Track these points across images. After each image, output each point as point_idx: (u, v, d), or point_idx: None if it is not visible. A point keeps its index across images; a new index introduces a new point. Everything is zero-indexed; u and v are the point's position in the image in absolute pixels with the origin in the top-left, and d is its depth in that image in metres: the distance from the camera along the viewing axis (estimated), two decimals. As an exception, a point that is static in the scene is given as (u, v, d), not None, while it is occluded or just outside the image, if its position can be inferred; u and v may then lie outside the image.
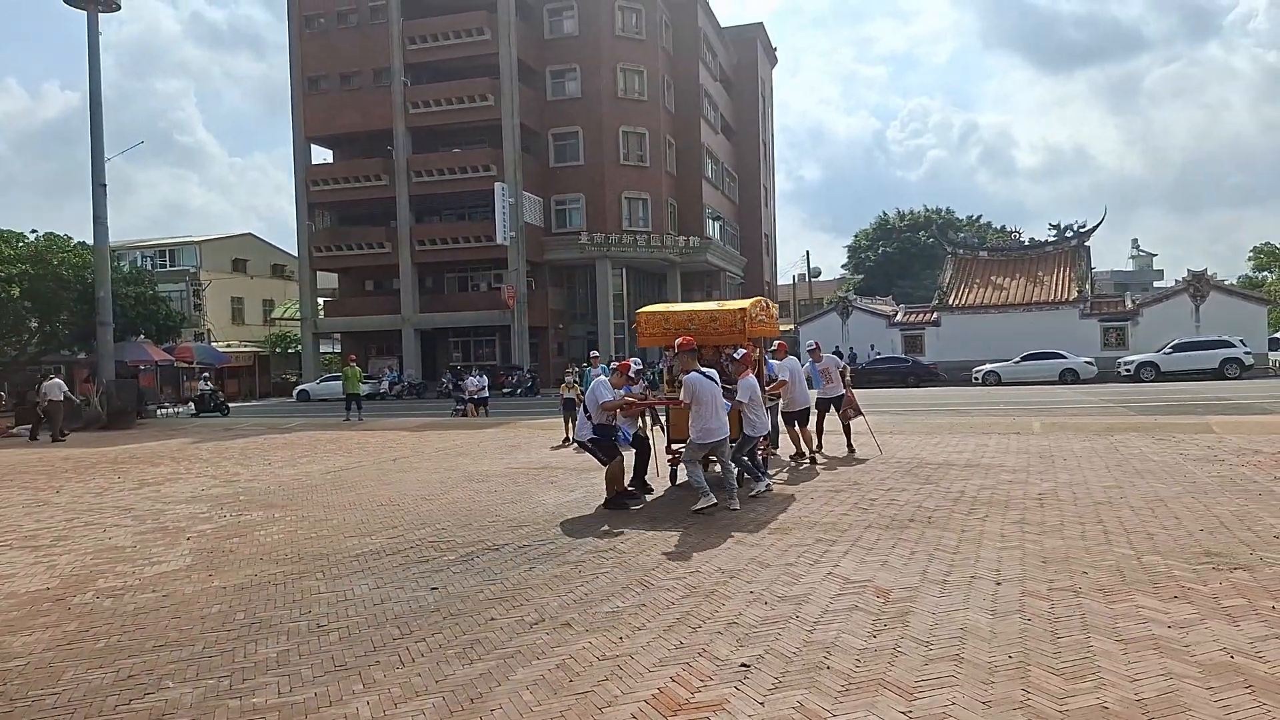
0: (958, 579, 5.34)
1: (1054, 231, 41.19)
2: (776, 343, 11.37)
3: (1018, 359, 31.68)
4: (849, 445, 11.52)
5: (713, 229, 45.32)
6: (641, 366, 9.69)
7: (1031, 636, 4.28)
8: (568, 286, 41.84)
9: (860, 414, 11.75)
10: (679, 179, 43.32)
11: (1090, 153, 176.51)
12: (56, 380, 22.89)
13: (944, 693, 3.64)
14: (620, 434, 8.80)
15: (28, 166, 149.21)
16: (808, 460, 10.77)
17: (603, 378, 9.18)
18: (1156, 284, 69.29)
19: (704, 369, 8.14)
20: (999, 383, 30.88)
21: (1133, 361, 30.23)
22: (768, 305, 10.59)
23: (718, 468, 8.53)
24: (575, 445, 9.40)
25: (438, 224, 40.54)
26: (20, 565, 6.95)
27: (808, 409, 10.95)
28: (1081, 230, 40.53)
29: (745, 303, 9.65)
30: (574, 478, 10.56)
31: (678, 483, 9.36)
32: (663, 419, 10.26)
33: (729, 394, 8.33)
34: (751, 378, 8.40)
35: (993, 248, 43.57)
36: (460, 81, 38.46)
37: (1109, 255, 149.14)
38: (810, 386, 11.53)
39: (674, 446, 9.44)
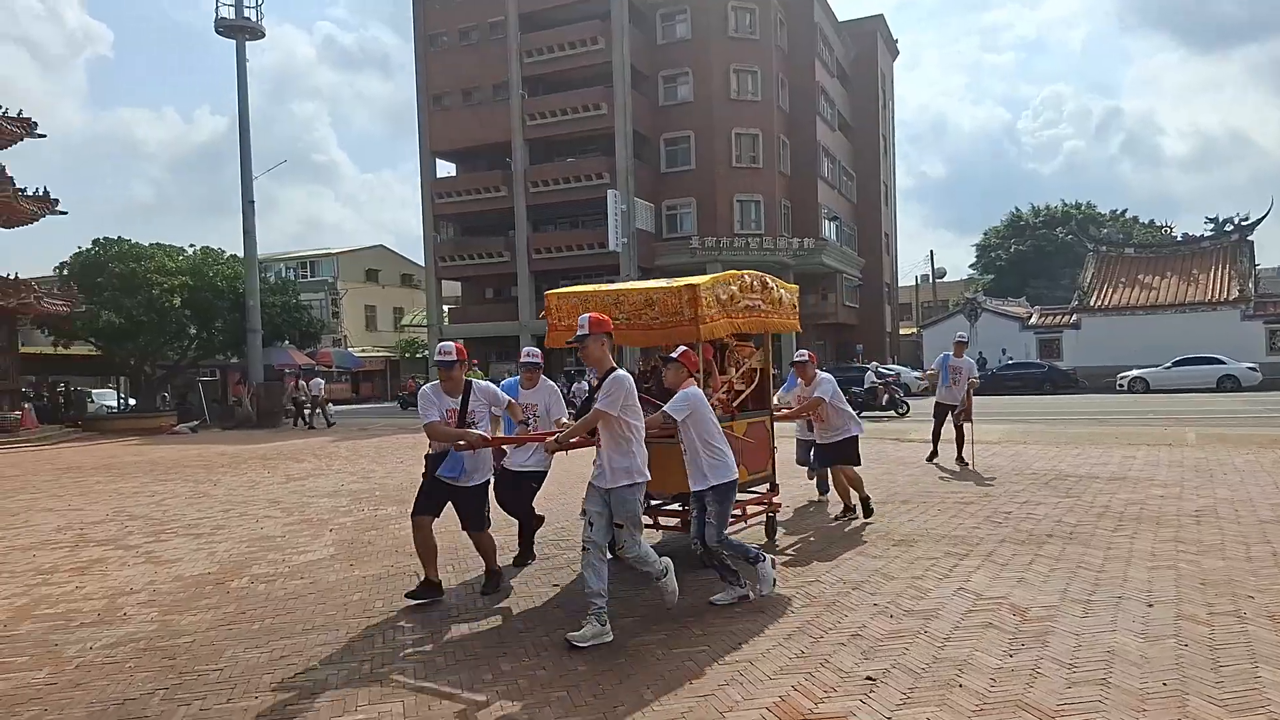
0: (1103, 599, 5.01)
1: (1211, 225, 38.25)
2: (806, 354, 8.09)
3: (1169, 364, 29.46)
4: (959, 456, 10.92)
5: (829, 229, 44.41)
6: (539, 359, 6.56)
7: (1189, 663, 3.97)
8: (681, 291, 41.85)
9: (969, 422, 11.12)
10: (793, 179, 42.68)
11: (1249, 138, 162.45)
12: (319, 379, 27.00)
13: (1090, 718, 3.42)
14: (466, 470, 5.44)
15: (183, 188, 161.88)
16: (855, 514, 7.77)
17: (511, 379, 6.72)
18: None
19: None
20: (1147, 390, 28.83)
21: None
22: (767, 284, 6.82)
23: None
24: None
25: (552, 232, 41.41)
26: (185, 551, 7.55)
27: (855, 443, 7.82)
28: (1243, 223, 37.36)
29: (700, 279, 6.05)
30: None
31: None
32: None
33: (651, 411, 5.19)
34: (693, 390, 5.08)
35: (1140, 244, 40.76)
36: (574, 92, 39.18)
37: (1276, 251, 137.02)
38: (939, 383, 10.99)
39: (662, 509, 6.49)
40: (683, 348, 5.45)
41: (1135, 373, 29.86)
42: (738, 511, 6.41)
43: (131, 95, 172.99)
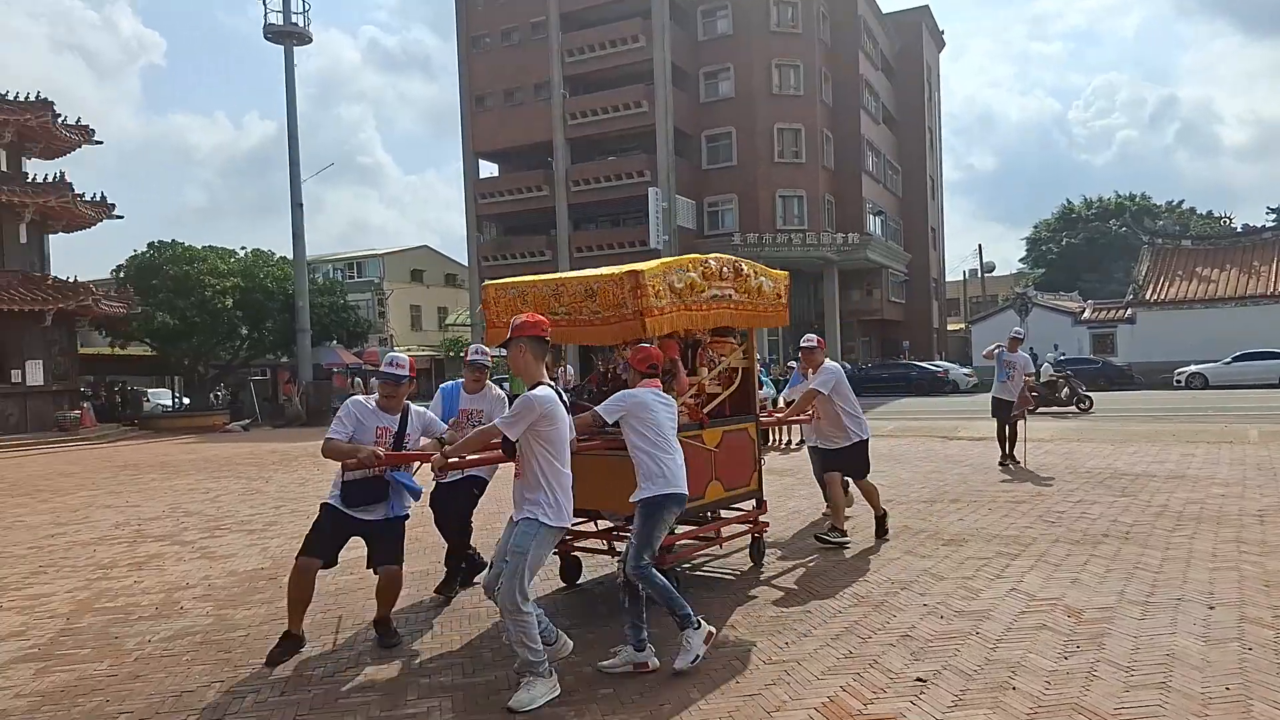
0: (1161, 600, 4.87)
1: (1273, 215, 37.01)
2: (814, 339, 6.96)
3: (1229, 359, 28.50)
4: (1011, 453, 10.61)
5: (873, 224, 43.83)
6: (486, 359, 5.75)
7: (1253, 667, 3.83)
8: (723, 288, 41.73)
9: (1022, 419, 10.82)
10: (837, 174, 42.21)
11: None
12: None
13: (1149, 724, 3.33)
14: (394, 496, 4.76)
15: (233, 192, 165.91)
16: (846, 538, 6.58)
17: (452, 383, 5.79)
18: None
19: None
20: (1205, 386, 27.95)
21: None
22: (741, 270, 5.78)
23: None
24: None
25: (593, 231, 41.53)
26: (239, 546, 7.74)
27: (863, 450, 6.77)
28: (1307, 213, 36.14)
29: (648, 264, 5.09)
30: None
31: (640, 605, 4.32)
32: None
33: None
34: (637, 390, 4.39)
35: (1198, 235, 39.51)
36: (615, 90, 39.22)
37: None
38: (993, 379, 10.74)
39: (612, 532, 5.77)
40: (642, 346, 4.69)
41: (1193, 368, 28.99)
42: (709, 534, 6.00)
43: (184, 101, 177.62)
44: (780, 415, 7.28)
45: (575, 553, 5.81)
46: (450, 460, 4.15)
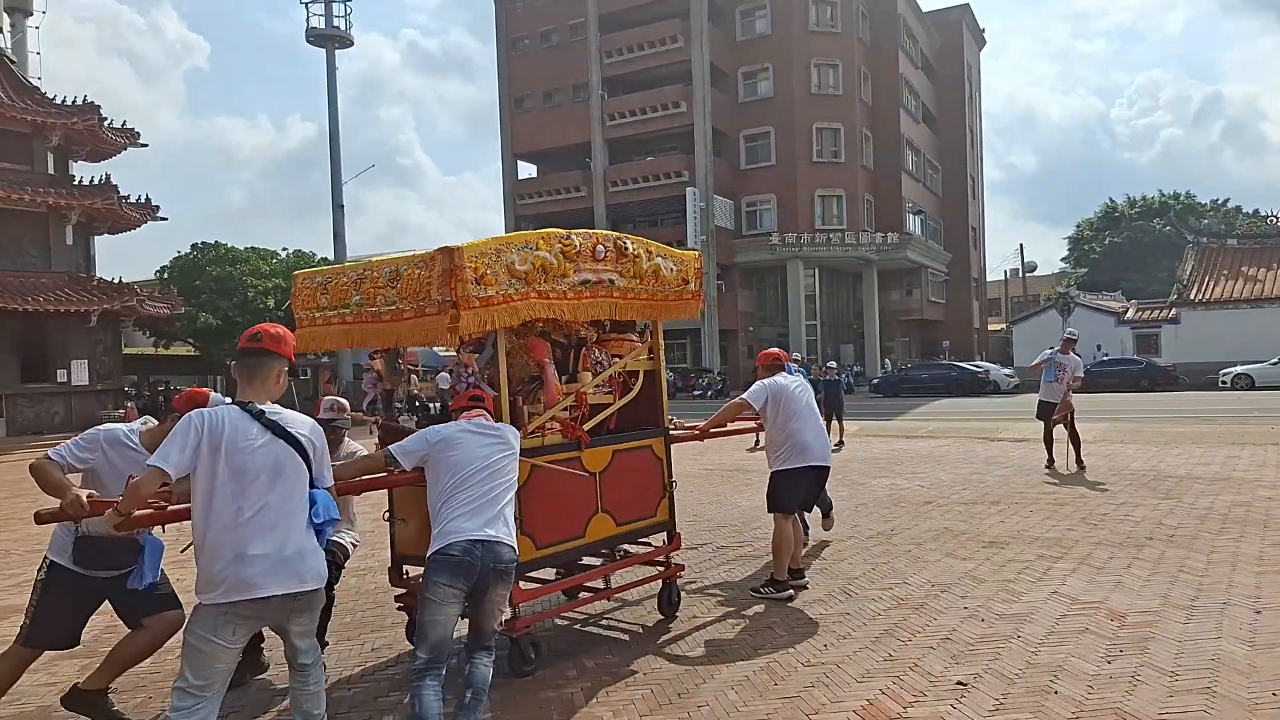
0: (1207, 605, 4.80)
1: (1323, 214, 35.99)
2: (776, 352, 5.81)
3: (1275, 359, 27.84)
4: (1077, 459, 10.29)
5: (913, 224, 43.38)
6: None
7: (1302, 674, 3.78)
8: (758, 288, 41.60)
9: (1061, 423, 10.52)
10: (876, 173, 41.85)
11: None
12: (444, 373, 27.40)
13: (1194, 730, 3.30)
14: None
15: (275, 193, 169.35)
16: (801, 585, 5.54)
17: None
18: None
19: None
20: (1252, 387, 27.26)
21: None
22: (625, 249, 4.72)
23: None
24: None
25: (632, 231, 41.31)
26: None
27: (781, 481, 5.49)
28: (1356, 211, 35.16)
29: (474, 241, 4.02)
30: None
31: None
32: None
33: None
34: (440, 426, 3.75)
35: (1244, 235, 38.55)
36: (654, 90, 39.30)
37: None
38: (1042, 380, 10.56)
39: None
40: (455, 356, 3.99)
41: (1239, 369, 28.31)
42: (597, 583, 5.14)
43: (226, 104, 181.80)
44: (707, 426, 5.67)
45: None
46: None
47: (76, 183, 25.17)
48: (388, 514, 4.58)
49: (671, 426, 5.26)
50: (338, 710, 3.88)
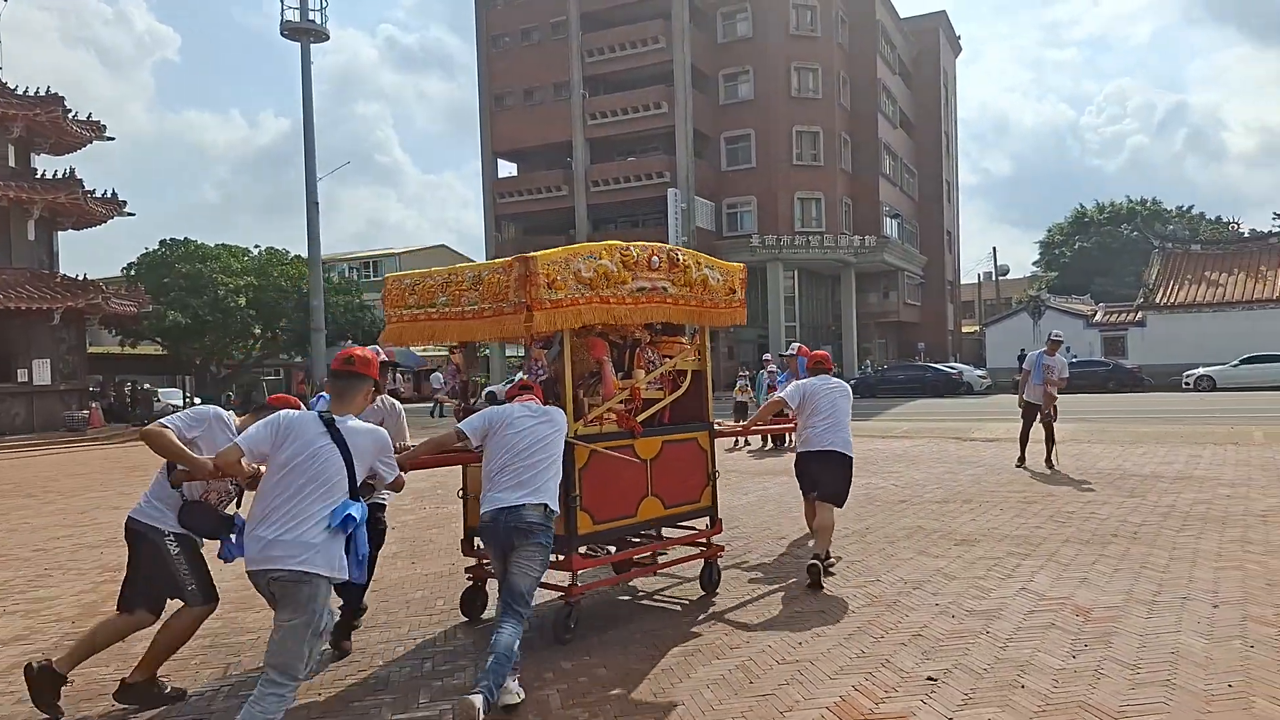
0: (1168, 600, 4.94)
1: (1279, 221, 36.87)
2: (797, 346, 6.80)
3: (1236, 362, 28.48)
4: (1048, 458, 10.47)
5: (890, 227, 43.79)
6: (454, 366, 5.57)
7: (1256, 665, 3.91)
8: (739, 289, 41.76)
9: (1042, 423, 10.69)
10: (854, 177, 42.20)
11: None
12: (437, 373, 27.96)
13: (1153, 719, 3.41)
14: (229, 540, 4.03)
15: (247, 189, 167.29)
16: (822, 565, 5.63)
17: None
18: None
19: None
20: (1213, 388, 27.88)
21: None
22: (676, 260, 5.10)
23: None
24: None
25: (612, 231, 41.56)
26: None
27: (827, 459, 5.87)
28: (1313, 220, 36.07)
29: (549, 251, 4.57)
30: (749, 481, 10.58)
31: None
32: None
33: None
34: (495, 407, 4.34)
35: (1207, 240, 39.46)
36: (635, 91, 39.33)
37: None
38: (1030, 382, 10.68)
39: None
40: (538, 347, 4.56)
41: (1202, 371, 28.99)
42: (645, 554, 5.50)
43: (198, 98, 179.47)
44: (753, 423, 6.87)
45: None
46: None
47: (39, 176, 24.35)
48: (461, 491, 5.18)
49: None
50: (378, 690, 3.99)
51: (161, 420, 3.86)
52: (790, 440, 14.73)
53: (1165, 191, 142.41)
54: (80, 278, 24.70)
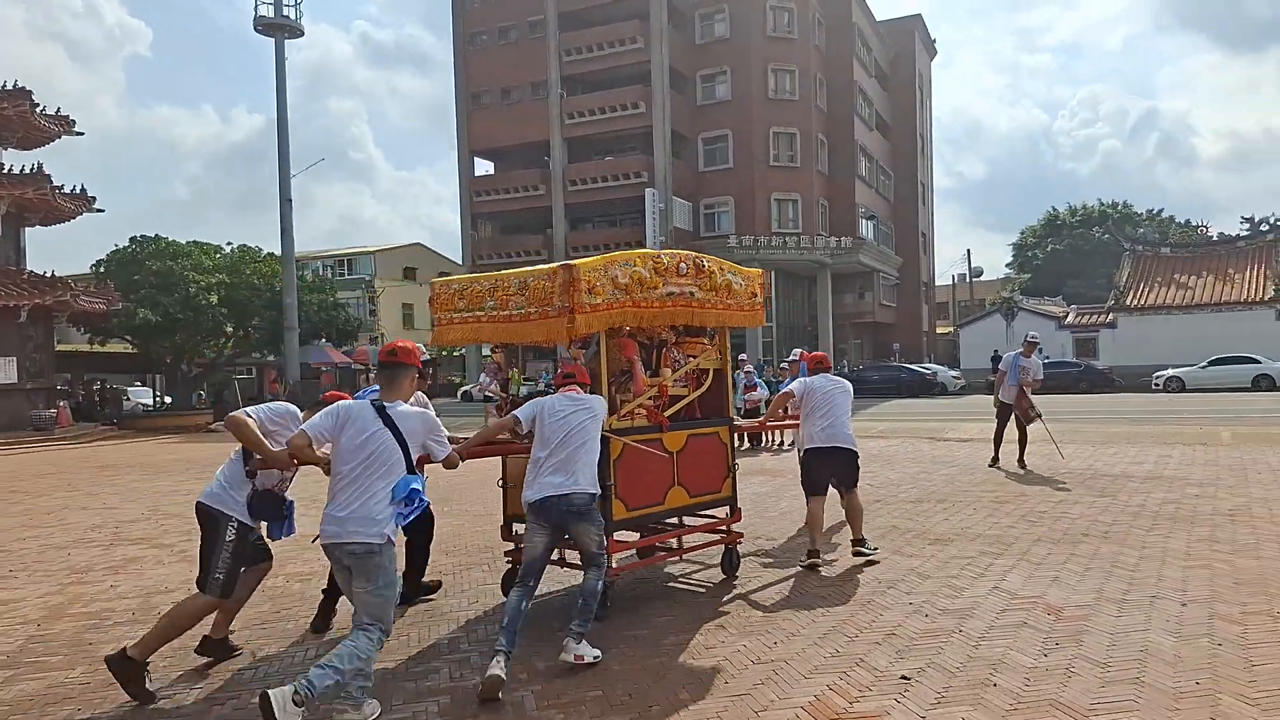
0: (1137, 598, 5.00)
1: (1247, 225, 37.54)
2: (797, 353, 7.46)
3: (1204, 363, 29.01)
4: (1019, 458, 10.64)
5: (866, 229, 44.08)
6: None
7: (1222, 662, 3.97)
8: (716, 290, 41.85)
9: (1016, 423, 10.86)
10: (831, 178, 42.44)
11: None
12: (483, 375, 27.39)
13: (1122, 717, 3.44)
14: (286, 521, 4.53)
15: (219, 185, 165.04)
16: (819, 560, 6.06)
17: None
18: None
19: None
20: (1182, 389, 28.38)
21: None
22: (703, 266, 5.48)
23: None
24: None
25: (590, 231, 41.57)
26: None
27: (832, 455, 6.25)
28: (1278, 223, 36.72)
29: (589, 259, 4.94)
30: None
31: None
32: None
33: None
34: (548, 397, 4.68)
35: (1176, 243, 40.12)
36: (613, 90, 39.30)
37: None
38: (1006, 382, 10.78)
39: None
40: (575, 355, 4.99)
41: (1171, 372, 29.47)
42: (672, 541, 5.92)
43: (169, 93, 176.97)
44: (763, 420, 7.54)
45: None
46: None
47: (6, 171, 23.95)
48: (501, 481, 5.57)
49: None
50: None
51: (246, 410, 4.23)
52: (767, 440, 14.80)
53: (1136, 195, 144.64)
54: (48, 274, 24.35)
